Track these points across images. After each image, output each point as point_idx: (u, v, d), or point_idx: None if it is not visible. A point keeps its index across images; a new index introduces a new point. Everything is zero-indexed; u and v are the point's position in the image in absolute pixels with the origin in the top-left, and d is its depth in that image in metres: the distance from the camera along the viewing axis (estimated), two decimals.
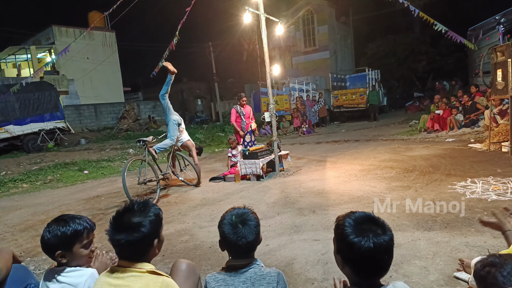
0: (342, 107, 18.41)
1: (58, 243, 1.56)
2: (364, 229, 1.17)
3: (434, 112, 10.35)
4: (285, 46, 24.35)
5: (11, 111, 13.62)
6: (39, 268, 3.26)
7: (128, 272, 1.36)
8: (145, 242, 1.41)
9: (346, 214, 1.28)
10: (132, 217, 1.40)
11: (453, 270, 2.44)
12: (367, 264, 1.16)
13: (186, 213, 4.64)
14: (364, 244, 1.13)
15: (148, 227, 1.40)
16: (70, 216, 1.64)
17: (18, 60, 22.73)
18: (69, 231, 1.57)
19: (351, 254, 1.17)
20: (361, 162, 6.91)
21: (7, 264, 1.63)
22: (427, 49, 24.21)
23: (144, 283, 1.33)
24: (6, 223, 4.96)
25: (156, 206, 1.52)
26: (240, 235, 1.47)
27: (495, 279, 1.25)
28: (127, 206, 1.46)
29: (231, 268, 1.51)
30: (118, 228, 1.39)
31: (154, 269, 1.40)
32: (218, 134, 15.03)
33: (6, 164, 10.73)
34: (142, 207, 1.45)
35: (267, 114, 6.93)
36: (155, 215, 1.46)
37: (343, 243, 1.20)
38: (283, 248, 3.17)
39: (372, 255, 1.13)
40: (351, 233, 1.17)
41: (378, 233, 1.16)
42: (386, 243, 1.15)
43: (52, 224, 1.61)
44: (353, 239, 1.15)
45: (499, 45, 7.40)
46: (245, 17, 6.69)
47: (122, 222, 1.39)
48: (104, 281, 1.37)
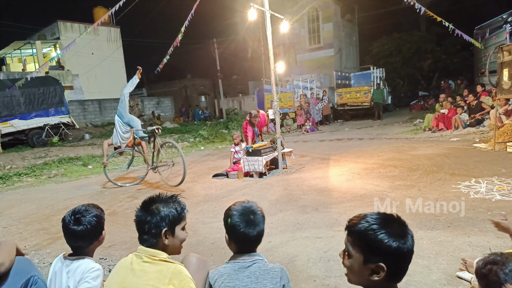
0: (346, 105, 18.31)
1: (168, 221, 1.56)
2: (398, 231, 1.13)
3: (439, 111, 10.28)
4: (289, 43, 24.23)
5: (16, 106, 13.69)
6: (43, 261, 3.29)
7: (144, 258, 1.46)
8: (160, 227, 1.50)
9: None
10: (158, 204, 1.55)
11: (456, 269, 2.44)
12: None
13: (189, 209, 4.60)
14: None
15: (165, 215, 1.51)
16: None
17: (23, 55, 22.83)
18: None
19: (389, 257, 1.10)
20: (365, 160, 6.89)
21: (10, 256, 1.65)
22: (432, 48, 23.99)
23: (158, 269, 1.43)
24: (11, 216, 5.01)
25: (182, 203, 1.63)
26: (253, 224, 1.53)
27: (496, 276, 1.25)
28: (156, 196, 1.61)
29: (235, 263, 1.52)
30: (145, 210, 1.53)
31: (167, 258, 1.48)
32: (221, 131, 15.03)
33: (11, 158, 10.82)
34: (168, 198, 1.60)
35: (270, 111, 6.93)
36: (176, 209, 1.56)
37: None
38: (285, 245, 3.17)
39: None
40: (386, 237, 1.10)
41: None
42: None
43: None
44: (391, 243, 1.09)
45: (506, 44, 7.33)
46: (250, 13, 6.67)
47: (148, 207, 1.54)
48: (123, 265, 1.48)
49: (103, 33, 23.67)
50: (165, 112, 26.20)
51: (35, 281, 1.70)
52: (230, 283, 1.46)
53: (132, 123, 6.46)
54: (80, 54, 21.31)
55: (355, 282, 1.19)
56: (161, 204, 1.55)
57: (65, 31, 23.12)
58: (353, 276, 1.18)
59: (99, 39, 23.24)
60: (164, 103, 26.76)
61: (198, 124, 20.31)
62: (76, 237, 1.74)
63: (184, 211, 1.61)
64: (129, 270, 1.45)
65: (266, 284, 1.46)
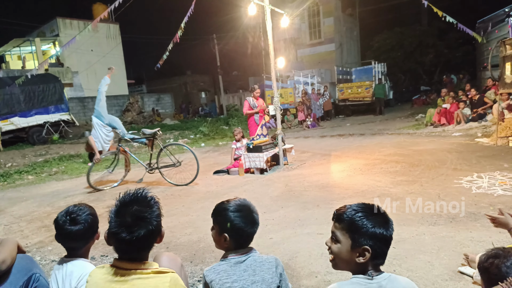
0: (347, 100, 18.24)
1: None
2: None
3: (441, 106, 10.23)
4: (290, 38, 24.10)
5: (16, 103, 13.68)
6: (45, 259, 3.29)
7: (132, 275, 1.27)
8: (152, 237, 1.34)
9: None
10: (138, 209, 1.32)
11: (458, 265, 2.42)
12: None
13: (190, 206, 4.66)
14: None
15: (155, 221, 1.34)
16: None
17: (22, 52, 22.76)
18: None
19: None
20: (366, 156, 6.87)
21: (11, 254, 1.64)
22: (434, 42, 23.84)
23: (153, 285, 1.26)
24: (12, 214, 5.01)
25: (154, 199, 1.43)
26: (255, 223, 1.55)
27: (498, 269, 1.25)
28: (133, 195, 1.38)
29: (231, 258, 1.51)
30: (122, 222, 1.28)
31: (158, 268, 1.33)
32: (222, 127, 15.01)
33: (12, 156, 10.83)
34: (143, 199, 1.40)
35: (271, 107, 6.89)
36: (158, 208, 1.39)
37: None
38: (286, 242, 3.17)
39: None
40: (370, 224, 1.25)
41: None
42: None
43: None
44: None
45: (508, 38, 7.27)
46: (250, 9, 6.61)
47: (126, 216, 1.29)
48: (107, 286, 1.26)
49: (102, 29, 23.57)
50: (165, 109, 26.16)
51: (37, 278, 1.69)
52: (228, 279, 1.45)
53: (115, 123, 6.13)
54: (80, 51, 21.25)
55: (341, 266, 1.32)
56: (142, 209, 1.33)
57: (64, 28, 23.04)
58: (340, 261, 1.30)
59: (98, 36, 23.14)
60: (164, 99, 26.71)
61: (198, 120, 20.28)
62: (72, 237, 1.71)
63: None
64: None
65: (264, 275, 1.47)
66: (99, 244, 3.47)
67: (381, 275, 1.24)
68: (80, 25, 23.35)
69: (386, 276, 1.23)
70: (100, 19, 6.40)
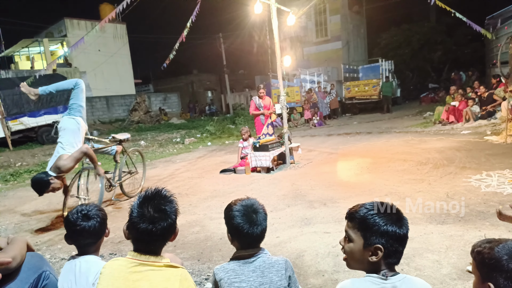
0: (354, 98, 18.11)
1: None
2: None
3: (450, 104, 10.11)
4: (296, 36, 24.02)
5: (25, 104, 13.86)
6: (54, 257, 3.34)
7: (146, 266, 1.33)
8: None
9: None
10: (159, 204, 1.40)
11: (466, 264, 2.40)
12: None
13: (197, 205, 4.68)
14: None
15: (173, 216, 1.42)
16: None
17: (31, 53, 23.05)
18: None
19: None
20: (373, 154, 6.82)
21: (21, 252, 1.67)
22: (443, 39, 23.52)
23: (165, 278, 1.32)
24: (23, 213, 5.10)
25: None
26: (256, 224, 1.51)
27: (490, 250, 1.24)
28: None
29: (240, 258, 1.52)
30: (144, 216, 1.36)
31: (170, 262, 1.39)
32: (228, 126, 15.03)
33: (21, 156, 11.00)
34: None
35: (278, 106, 6.89)
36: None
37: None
38: (293, 240, 3.17)
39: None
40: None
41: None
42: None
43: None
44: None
45: None
46: (256, 7, 6.60)
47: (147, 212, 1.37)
48: (122, 276, 1.32)
49: (110, 29, 23.76)
50: (172, 108, 26.28)
51: (47, 276, 1.71)
52: (236, 279, 1.45)
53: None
54: (88, 51, 21.46)
55: (354, 266, 1.31)
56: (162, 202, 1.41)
57: (72, 28, 23.29)
58: (353, 260, 1.29)
59: (105, 36, 23.34)
60: (170, 99, 26.83)
61: (205, 119, 20.34)
62: (86, 233, 1.72)
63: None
64: (130, 282, 1.30)
65: (272, 277, 1.46)
66: (108, 242, 3.51)
67: (396, 276, 1.22)
68: (88, 25, 23.58)
69: (401, 277, 1.21)
70: (107, 19, 6.45)
